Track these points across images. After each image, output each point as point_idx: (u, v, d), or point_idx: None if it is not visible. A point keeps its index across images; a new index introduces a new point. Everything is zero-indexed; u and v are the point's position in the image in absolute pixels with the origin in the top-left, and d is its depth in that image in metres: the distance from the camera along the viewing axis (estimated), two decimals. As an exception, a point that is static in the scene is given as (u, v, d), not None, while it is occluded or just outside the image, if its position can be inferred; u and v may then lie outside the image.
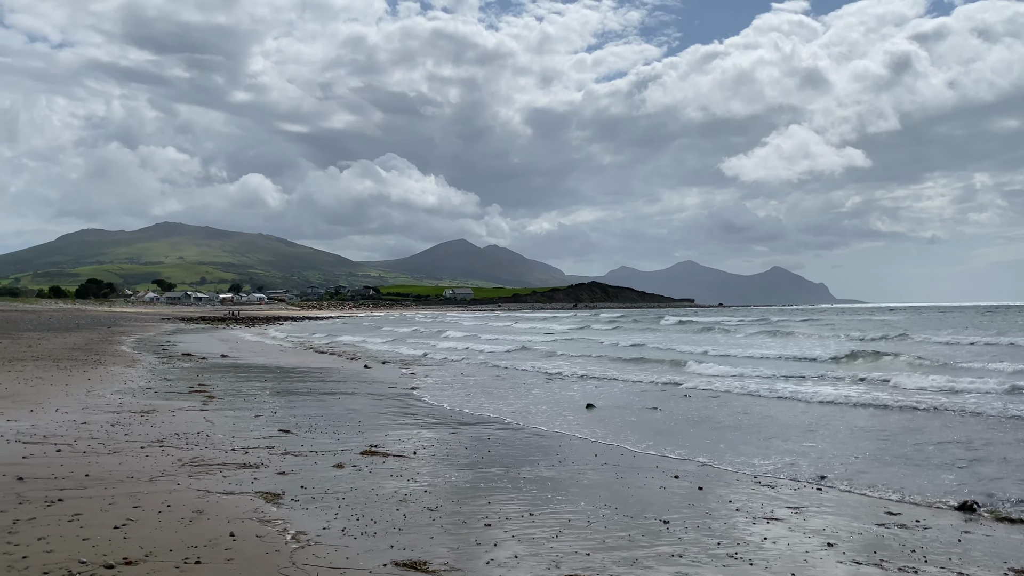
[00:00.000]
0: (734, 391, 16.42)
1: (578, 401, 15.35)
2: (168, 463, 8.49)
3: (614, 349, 30.71)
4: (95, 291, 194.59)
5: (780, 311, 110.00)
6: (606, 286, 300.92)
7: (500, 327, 59.03)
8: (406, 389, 17.75)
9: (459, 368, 23.74)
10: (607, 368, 22.40)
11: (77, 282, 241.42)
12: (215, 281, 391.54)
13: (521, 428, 12.00)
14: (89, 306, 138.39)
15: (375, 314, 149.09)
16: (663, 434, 11.49)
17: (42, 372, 19.26)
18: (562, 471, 8.68)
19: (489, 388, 18.10)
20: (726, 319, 60.48)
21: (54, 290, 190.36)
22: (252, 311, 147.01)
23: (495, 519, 6.51)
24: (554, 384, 18.87)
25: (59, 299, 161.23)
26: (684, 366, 21.99)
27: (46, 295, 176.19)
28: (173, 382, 18.09)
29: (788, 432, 11.53)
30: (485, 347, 33.82)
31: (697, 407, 14.42)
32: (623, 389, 17.42)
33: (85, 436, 10.02)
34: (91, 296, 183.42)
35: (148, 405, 13.50)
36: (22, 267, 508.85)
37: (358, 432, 11.27)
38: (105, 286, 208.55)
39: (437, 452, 9.71)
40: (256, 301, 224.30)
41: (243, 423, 11.79)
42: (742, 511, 7.07)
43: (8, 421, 11.10)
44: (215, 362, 25.43)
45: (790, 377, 18.25)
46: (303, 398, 15.60)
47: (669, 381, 18.51)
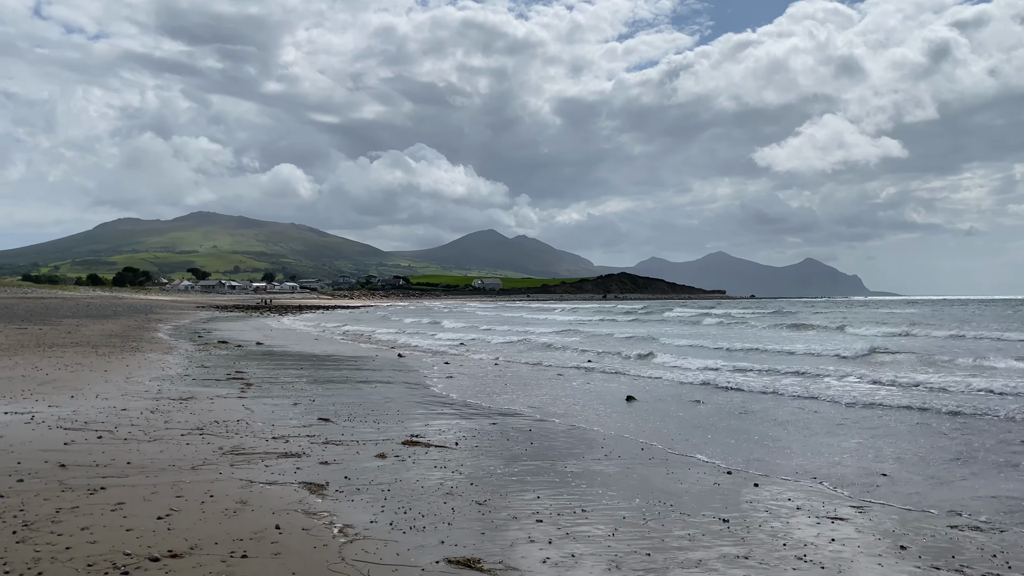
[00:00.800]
0: (767, 389, 15.98)
1: (616, 393, 15.05)
2: (209, 451, 8.37)
3: (669, 337, 30.26)
4: (131, 279, 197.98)
5: (807, 304, 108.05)
6: (636, 277, 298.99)
7: (532, 319, 58.79)
8: (442, 378, 17.56)
9: (494, 358, 23.52)
10: (646, 359, 22.03)
11: (114, 270, 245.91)
12: (248, 270, 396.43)
13: (561, 420, 11.73)
14: (126, 294, 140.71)
15: (405, 304, 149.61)
16: (708, 428, 11.15)
17: (81, 358, 19.40)
18: (610, 466, 8.40)
19: (525, 379, 17.86)
20: (749, 312, 59.66)
21: (92, 278, 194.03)
22: (285, 300, 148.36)
23: (546, 515, 6.26)
24: (589, 376, 18.56)
25: (96, 287, 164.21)
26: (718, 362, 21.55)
27: (84, 283, 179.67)
28: (210, 369, 18.10)
29: (835, 429, 11.12)
30: (519, 337, 33.59)
31: (739, 401, 14.03)
32: (659, 382, 17.05)
33: (125, 423, 9.96)
34: (127, 284, 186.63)
35: (187, 392, 13.46)
36: (61, 255, 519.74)
37: (398, 421, 11.10)
38: (141, 274, 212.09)
39: (479, 443, 9.48)
40: (289, 290, 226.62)
41: (282, 411, 11.67)
42: (803, 509, 6.73)
43: (49, 407, 11.10)
44: (251, 350, 25.50)
45: (819, 375, 17.73)
46: (340, 386, 15.48)
47: (705, 381, 18.11)
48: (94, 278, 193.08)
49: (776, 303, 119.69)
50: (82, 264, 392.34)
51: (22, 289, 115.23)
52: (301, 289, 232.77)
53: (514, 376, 18.34)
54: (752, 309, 68.06)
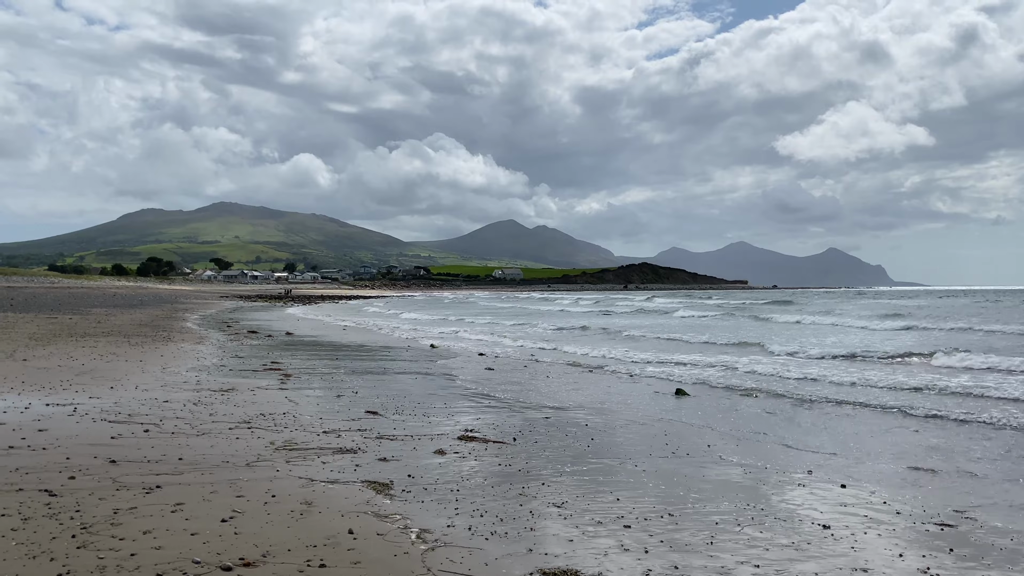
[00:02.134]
0: (807, 377, 15.42)
1: (662, 387, 14.57)
2: (261, 446, 8.02)
3: (681, 330, 29.71)
4: (155, 269, 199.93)
5: (827, 294, 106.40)
6: (657, 267, 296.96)
7: (561, 310, 58.35)
8: (481, 370, 17.16)
9: (530, 351, 23.09)
10: (678, 351, 21.52)
11: (138, 260, 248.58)
12: (270, 260, 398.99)
13: (614, 413, 11.27)
14: (150, 284, 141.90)
15: (427, 294, 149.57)
16: (770, 423, 10.65)
17: (115, 348, 19.23)
18: (680, 464, 7.94)
19: (567, 371, 17.42)
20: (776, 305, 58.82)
21: (116, 268, 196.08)
22: (306, 290, 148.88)
23: (632, 519, 5.82)
24: (629, 368, 18.07)
25: (121, 277, 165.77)
26: (756, 350, 20.99)
27: (109, 273, 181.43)
28: (245, 359, 17.84)
29: (900, 423, 10.59)
30: (549, 328, 33.15)
31: (782, 395, 13.49)
32: (702, 374, 16.52)
33: (170, 415, 9.64)
34: (151, 274, 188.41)
35: (226, 383, 13.17)
36: (85, 245, 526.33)
37: (447, 415, 10.70)
38: (164, 264, 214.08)
39: (538, 439, 9.05)
40: (310, 280, 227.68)
41: (327, 403, 11.33)
42: (913, 517, 6.23)
43: (91, 398, 10.83)
44: (282, 339, 25.27)
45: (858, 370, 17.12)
46: (379, 377, 15.13)
47: (748, 370, 17.57)
48: (119, 268, 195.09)
49: (807, 294, 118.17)
50: (106, 254, 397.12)
51: (49, 279, 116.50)
52: (322, 279, 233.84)
53: (553, 369, 17.90)
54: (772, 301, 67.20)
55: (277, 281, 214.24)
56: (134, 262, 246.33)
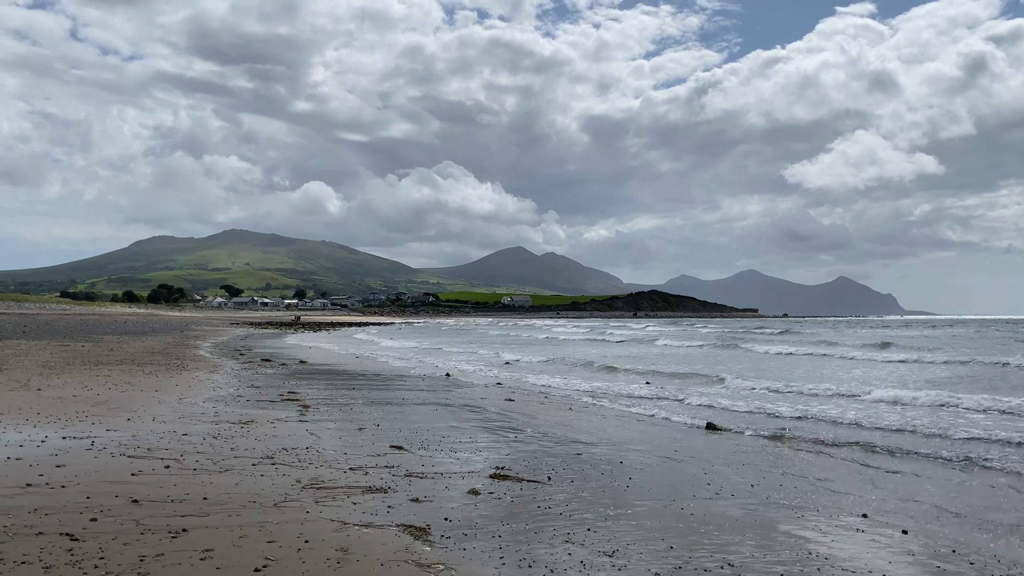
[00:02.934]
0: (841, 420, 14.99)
1: (692, 420, 14.17)
2: (287, 484, 7.68)
3: (703, 359, 29.29)
4: (166, 296, 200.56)
5: (830, 322, 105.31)
6: (667, 295, 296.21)
7: (573, 338, 57.87)
8: (501, 401, 16.79)
9: (547, 381, 22.70)
10: (696, 384, 21.11)
11: (149, 287, 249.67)
12: (280, 287, 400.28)
13: (647, 450, 10.87)
14: (161, 310, 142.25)
15: (437, 320, 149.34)
16: (808, 461, 10.24)
17: (128, 377, 18.96)
18: (729, 507, 7.54)
19: (587, 404, 17.03)
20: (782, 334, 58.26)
21: (127, 295, 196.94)
22: (316, 317, 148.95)
23: (691, 571, 5.44)
24: (657, 403, 17.67)
25: (132, 303, 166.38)
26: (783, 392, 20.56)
27: (120, 299, 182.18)
28: (261, 389, 17.53)
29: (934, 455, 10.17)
30: (565, 357, 32.76)
31: (821, 430, 13.06)
32: (728, 408, 16.09)
33: (190, 450, 9.32)
34: (162, 301, 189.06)
35: (245, 415, 12.85)
36: (97, 272, 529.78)
37: (474, 450, 10.34)
38: (175, 291, 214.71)
39: (573, 478, 8.67)
40: (320, 307, 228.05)
41: (349, 437, 10.98)
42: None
43: (108, 431, 10.53)
44: (296, 368, 24.97)
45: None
46: (399, 408, 14.78)
47: (767, 411, 17.14)
48: (130, 295, 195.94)
49: (819, 322, 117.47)
50: (118, 281, 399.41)
51: (61, 306, 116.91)
52: (332, 306, 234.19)
53: (573, 401, 17.51)
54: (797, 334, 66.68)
55: (287, 308, 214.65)
56: (145, 289, 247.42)
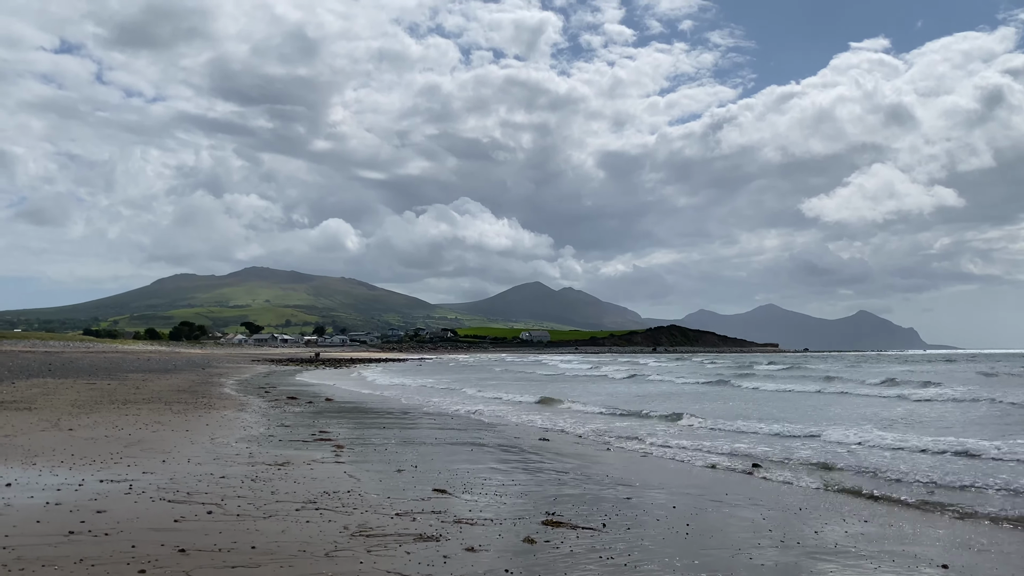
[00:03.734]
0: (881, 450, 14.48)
1: (737, 459, 13.74)
2: (335, 531, 7.40)
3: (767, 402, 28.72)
4: (187, 333, 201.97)
5: (857, 358, 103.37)
6: (686, 330, 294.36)
7: (591, 375, 57.25)
8: (535, 441, 16.44)
9: (579, 419, 22.29)
10: (747, 422, 20.64)
11: (170, 324, 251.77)
12: (299, 323, 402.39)
13: (699, 495, 10.46)
14: (182, 348, 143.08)
15: (456, 356, 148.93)
16: (862, 503, 9.81)
17: (157, 416, 18.82)
18: (798, 556, 7.15)
19: (623, 443, 16.62)
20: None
21: (149, 332, 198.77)
22: (336, 353, 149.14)
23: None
24: (703, 441, 17.24)
25: (154, 341, 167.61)
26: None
27: (142, 337, 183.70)
28: (292, 428, 17.29)
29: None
30: (590, 395, 32.32)
31: (864, 462, 12.59)
32: (774, 447, 15.63)
33: (231, 494, 9.07)
34: (183, 338, 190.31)
35: (280, 456, 12.60)
36: (120, 310, 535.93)
37: (519, 494, 10.00)
38: (196, 328, 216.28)
39: (629, 525, 8.31)
40: (339, 343, 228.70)
41: (389, 479, 10.69)
42: None
43: (144, 473, 10.31)
44: (323, 406, 24.74)
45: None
46: (433, 448, 14.48)
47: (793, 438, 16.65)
48: (151, 332, 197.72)
49: (840, 358, 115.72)
50: (140, 319, 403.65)
51: (84, 343, 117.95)
52: (351, 342, 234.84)
53: (609, 440, 17.11)
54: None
55: (307, 344, 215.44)
56: (166, 326, 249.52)
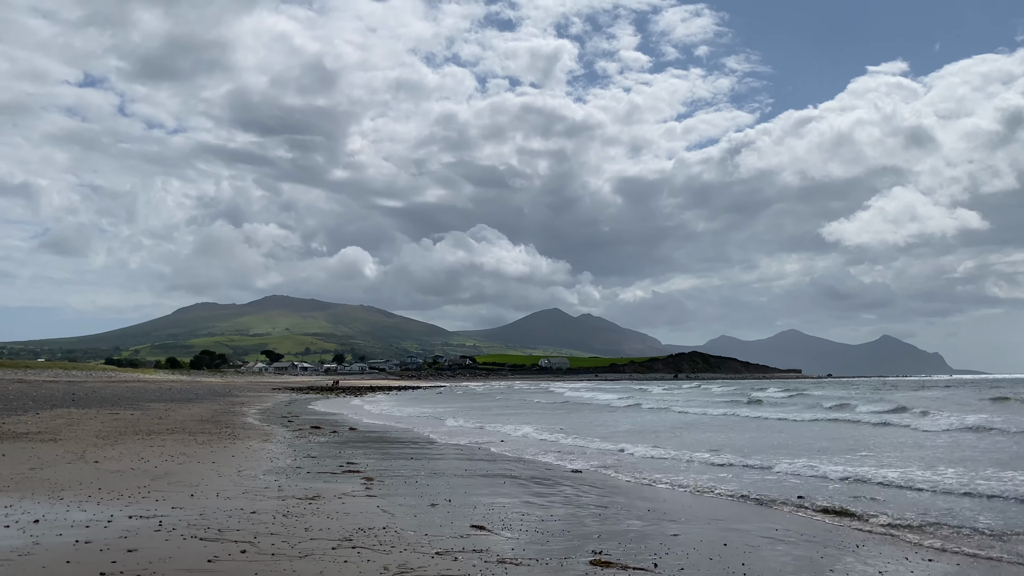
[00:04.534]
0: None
1: (783, 491, 13.23)
2: (374, 573, 7.04)
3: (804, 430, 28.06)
4: (208, 362, 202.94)
5: (879, 383, 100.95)
6: (708, 356, 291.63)
7: (616, 405, 56.58)
8: (568, 472, 15.99)
9: (607, 446, 21.78)
10: (791, 458, 20.05)
11: (191, 353, 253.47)
12: (318, 351, 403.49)
13: (749, 530, 9.97)
14: (203, 377, 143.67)
15: (475, 384, 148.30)
16: (916, 545, 9.30)
17: (183, 447, 18.58)
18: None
19: (666, 475, 16.12)
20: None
21: (170, 361, 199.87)
22: (355, 381, 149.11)
23: None
24: (744, 475, 16.71)
25: (175, 370, 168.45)
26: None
27: (163, 366, 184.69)
28: (319, 460, 16.97)
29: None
30: (614, 424, 31.76)
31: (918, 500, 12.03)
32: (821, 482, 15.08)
33: (263, 531, 8.74)
34: (204, 367, 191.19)
35: (309, 489, 12.26)
36: (141, 339, 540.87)
37: (561, 531, 9.57)
38: (217, 357, 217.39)
39: (682, 565, 7.88)
40: (358, 371, 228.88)
41: (424, 515, 10.31)
42: None
43: (173, 509, 10.01)
44: (348, 436, 24.41)
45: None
46: (466, 481, 14.08)
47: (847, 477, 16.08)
48: (172, 361, 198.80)
49: (865, 383, 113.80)
50: (161, 348, 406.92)
51: (107, 373, 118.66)
52: (370, 370, 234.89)
53: (644, 472, 16.62)
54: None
55: (326, 372, 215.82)
56: (187, 355, 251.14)
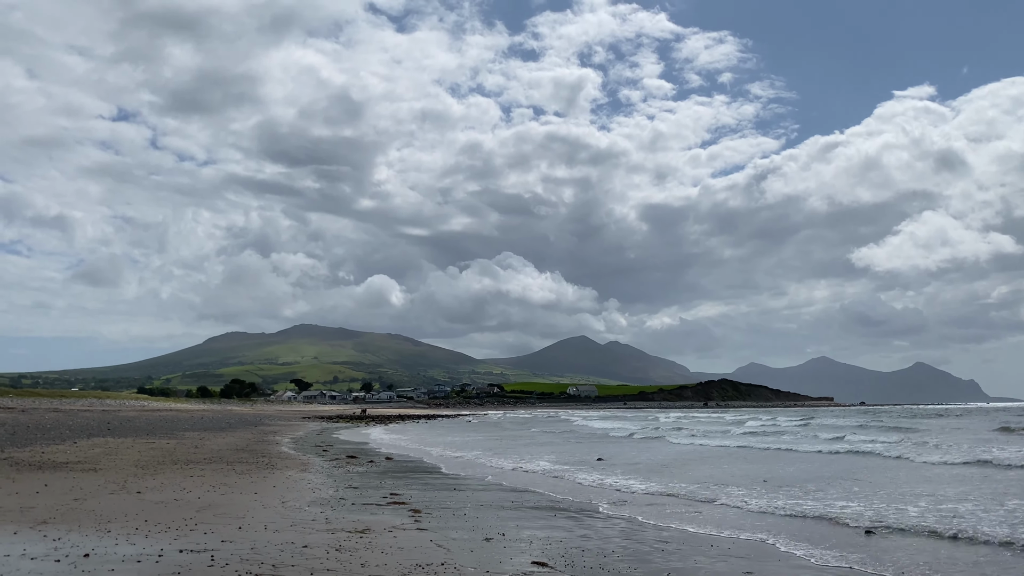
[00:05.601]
0: None
1: (852, 528, 12.64)
2: (442, 614, 6.67)
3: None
4: (238, 391, 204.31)
5: (911, 412, 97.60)
6: (738, 384, 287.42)
7: (655, 432, 55.65)
8: (616, 505, 15.49)
9: (649, 482, 21.21)
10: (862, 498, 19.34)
11: (221, 382, 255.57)
12: (346, 380, 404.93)
13: (821, 567, 9.48)
14: (234, 406, 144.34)
15: (505, 412, 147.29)
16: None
17: (223, 477, 18.39)
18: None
19: (717, 508, 15.56)
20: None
21: (201, 390, 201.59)
22: (383, 410, 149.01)
23: None
24: (800, 501, 16.08)
25: (206, 399, 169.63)
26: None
27: (194, 395, 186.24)
28: (361, 491, 16.65)
29: None
30: (659, 452, 31.07)
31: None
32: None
33: (319, 566, 8.42)
34: (234, 396, 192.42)
35: (358, 522, 11.94)
36: (172, 368, 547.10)
37: (625, 568, 9.14)
38: (247, 386, 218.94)
39: (764, 604, 7.42)
40: (386, 399, 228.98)
41: (480, 550, 9.93)
42: None
43: (223, 542, 9.74)
44: (385, 466, 24.09)
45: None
46: (515, 513, 13.66)
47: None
48: (203, 390, 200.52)
49: (894, 411, 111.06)
50: (191, 377, 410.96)
51: (139, 402, 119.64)
52: (398, 398, 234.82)
53: (696, 509, 16.06)
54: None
55: (354, 401, 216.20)
56: (217, 383, 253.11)
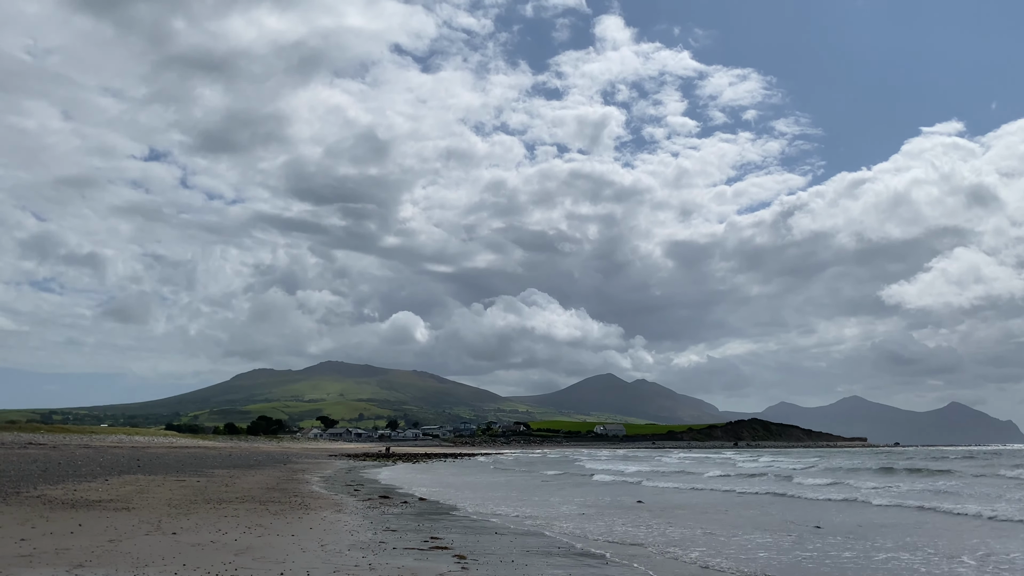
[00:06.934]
0: None
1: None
2: None
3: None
4: (264, 428, 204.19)
5: (945, 454, 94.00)
6: (768, 424, 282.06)
7: (716, 487, 54.28)
8: (665, 559, 14.70)
9: (702, 529, 20.29)
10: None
11: (248, 419, 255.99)
12: (372, 417, 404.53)
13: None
14: (261, 443, 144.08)
15: (531, 451, 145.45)
16: None
17: (256, 518, 17.87)
18: None
19: (777, 556, 14.70)
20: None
21: (228, 427, 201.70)
22: (408, 448, 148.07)
23: None
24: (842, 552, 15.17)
25: (233, 436, 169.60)
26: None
27: (221, 432, 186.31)
28: (400, 534, 16.00)
29: None
30: (710, 497, 29.99)
31: None
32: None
33: (370, 621, 7.81)
34: (261, 432, 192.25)
35: (403, 568, 11.32)
36: (200, 405, 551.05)
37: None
38: (274, 423, 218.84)
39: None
40: (411, 437, 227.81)
41: (538, 603, 9.26)
42: None
43: (266, 591, 9.17)
44: (420, 507, 23.39)
45: None
46: (564, 561, 12.94)
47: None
48: (231, 427, 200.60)
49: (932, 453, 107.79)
50: (219, 413, 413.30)
51: (168, 439, 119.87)
52: (424, 436, 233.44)
53: (768, 552, 15.21)
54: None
55: (380, 439, 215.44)
56: (244, 420, 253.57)
